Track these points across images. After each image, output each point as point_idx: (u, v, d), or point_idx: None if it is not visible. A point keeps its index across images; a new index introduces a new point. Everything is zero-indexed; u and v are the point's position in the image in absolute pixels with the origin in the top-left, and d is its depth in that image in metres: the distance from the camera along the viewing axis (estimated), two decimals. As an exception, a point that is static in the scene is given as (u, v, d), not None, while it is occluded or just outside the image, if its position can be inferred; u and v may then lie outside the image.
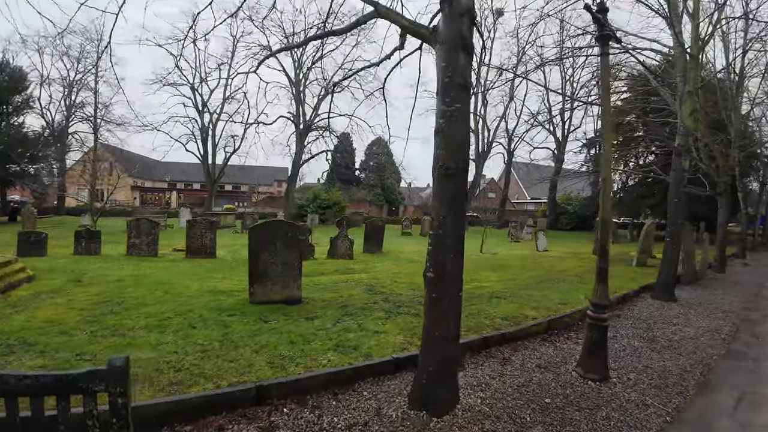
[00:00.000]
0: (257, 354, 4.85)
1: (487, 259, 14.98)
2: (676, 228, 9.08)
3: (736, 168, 21.12)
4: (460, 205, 3.92)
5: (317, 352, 4.96)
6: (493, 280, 10.53)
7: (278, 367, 4.49)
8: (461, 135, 3.89)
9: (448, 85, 3.84)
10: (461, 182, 3.91)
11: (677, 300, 9.28)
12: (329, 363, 4.65)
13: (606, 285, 4.92)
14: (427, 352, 3.96)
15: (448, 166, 3.83)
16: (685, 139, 9.10)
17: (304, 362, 4.65)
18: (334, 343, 5.28)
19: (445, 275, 3.90)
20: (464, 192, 4.01)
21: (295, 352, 4.92)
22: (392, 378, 4.64)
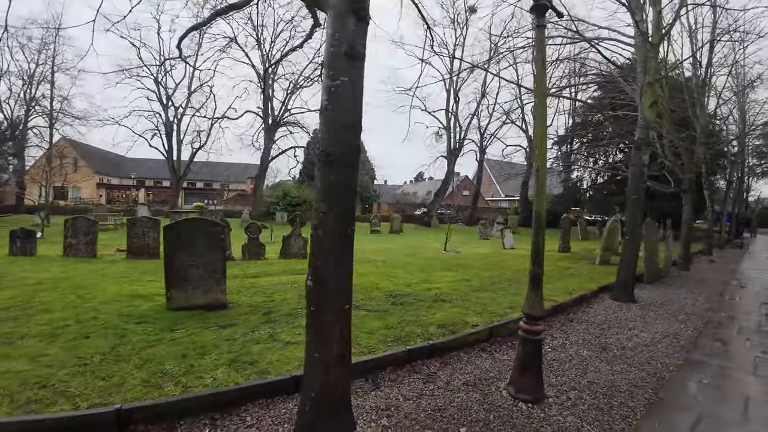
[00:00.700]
0: (138, 370, 4.14)
1: (448, 258, 14.30)
2: (635, 225, 8.48)
3: (703, 166, 20.96)
4: (344, 201, 3.15)
5: (206, 369, 4.21)
6: (446, 280, 9.81)
7: (154, 386, 3.79)
8: (348, 115, 3.12)
9: (333, 56, 3.10)
10: (347, 173, 3.14)
11: (637, 300, 8.69)
12: (213, 382, 3.91)
13: (540, 293, 4.23)
14: (307, 376, 3.21)
15: (330, 152, 3.07)
16: (645, 132, 8.51)
17: (187, 380, 3.92)
18: (231, 357, 4.51)
19: (325, 285, 3.15)
20: (351, 185, 3.23)
21: (181, 368, 4.19)
22: (288, 400, 3.87)
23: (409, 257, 14.27)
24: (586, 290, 9.02)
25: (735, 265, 17.31)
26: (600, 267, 12.76)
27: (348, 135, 3.16)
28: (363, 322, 6.04)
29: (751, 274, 14.86)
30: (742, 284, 12.12)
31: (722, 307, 8.83)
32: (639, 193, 8.43)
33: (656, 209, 27.48)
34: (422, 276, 10.34)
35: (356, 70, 3.19)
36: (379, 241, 20.73)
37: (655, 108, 8.55)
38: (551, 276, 10.87)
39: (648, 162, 8.46)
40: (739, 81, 21.56)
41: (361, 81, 3.26)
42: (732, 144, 28.75)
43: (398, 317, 6.31)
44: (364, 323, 5.96)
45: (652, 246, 11.75)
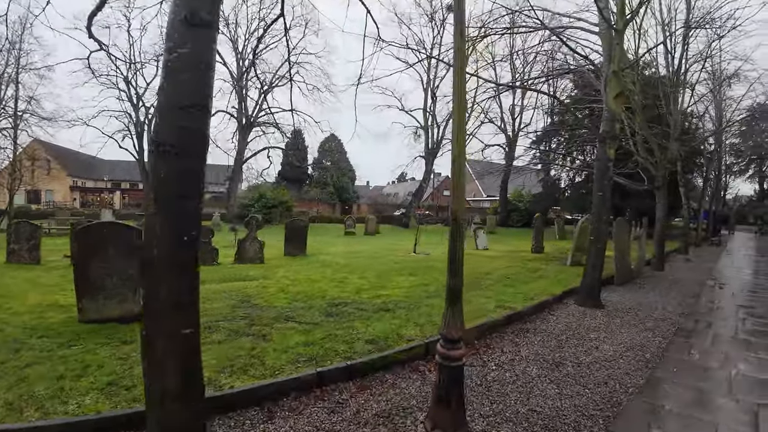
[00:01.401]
0: (8, 390, 3.69)
1: (415, 261, 13.51)
2: (601, 225, 7.74)
3: (678, 163, 20.44)
4: (182, 203, 2.36)
5: (77, 392, 3.66)
6: (402, 286, 9.04)
7: (15, 410, 3.38)
8: (187, 94, 2.37)
9: (171, 24, 2.34)
10: (184, 166, 2.36)
11: (604, 306, 7.95)
12: (74, 410, 3.38)
13: (459, 308, 3.45)
14: (148, 411, 2.43)
15: (161, 142, 2.31)
16: (611, 124, 7.79)
17: (50, 405, 3.46)
18: (110, 380, 3.94)
19: (158, 305, 2.34)
20: (190, 181, 2.44)
21: (52, 390, 3.70)
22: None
23: (373, 260, 13.45)
24: (549, 295, 8.27)
25: (712, 264, 16.75)
26: (571, 268, 12.05)
27: (186, 119, 2.39)
28: (284, 337, 5.22)
29: (728, 273, 14.28)
30: (719, 285, 11.50)
31: (697, 312, 8.14)
32: (604, 190, 7.71)
33: (632, 207, 27.06)
34: (377, 282, 9.55)
35: (200, 41, 2.43)
36: (351, 244, 19.90)
37: (621, 99, 7.84)
38: (517, 279, 10.17)
39: (614, 156, 7.74)
40: (716, 77, 21.09)
41: (209, 54, 2.50)
42: (708, 142, 28.47)
43: (326, 331, 5.49)
44: (284, 339, 5.15)
45: (624, 246, 11.06)
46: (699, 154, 28.94)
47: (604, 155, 7.70)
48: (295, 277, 10.01)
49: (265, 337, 5.23)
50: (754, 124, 40.47)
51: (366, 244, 19.34)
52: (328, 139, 45.55)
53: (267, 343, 4.99)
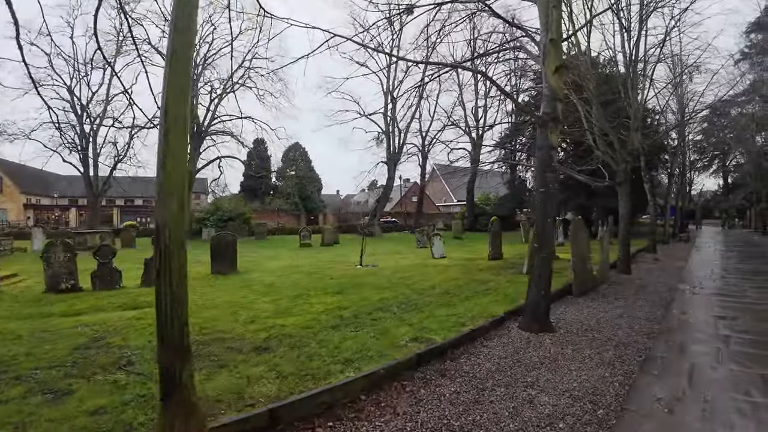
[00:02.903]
0: None
1: (353, 276, 11.75)
2: (545, 228, 6.09)
3: (642, 158, 19.18)
4: None
5: None
6: (312, 312, 7.29)
7: None
8: None
9: None
10: None
11: (554, 329, 6.28)
12: None
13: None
14: None
15: None
16: (552, 104, 6.18)
17: None
18: None
19: None
20: None
21: None
22: None
23: (307, 277, 11.66)
24: (489, 317, 6.58)
25: (682, 263, 15.41)
26: (525, 278, 10.42)
27: None
28: (90, 394, 3.52)
29: (699, 273, 12.89)
30: (692, 289, 10.03)
31: (668, 329, 6.56)
32: (548, 185, 6.07)
33: (599, 207, 25.84)
34: (288, 305, 7.82)
35: None
36: (298, 257, 18.02)
37: (562, 73, 6.26)
38: (459, 295, 8.49)
39: (558, 143, 6.13)
40: (676, 66, 19.96)
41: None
42: (672, 137, 27.50)
43: (144, 389, 3.72)
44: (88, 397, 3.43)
45: (583, 250, 9.49)
46: (663, 150, 27.99)
47: (546, 141, 6.08)
48: (195, 304, 8.16)
49: (64, 395, 3.49)
50: (716, 120, 40.14)
51: (314, 257, 17.49)
52: (292, 148, 43.55)
53: (56, 407, 3.24)
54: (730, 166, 58.17)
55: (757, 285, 10.56)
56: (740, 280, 11.41)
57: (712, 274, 12.60)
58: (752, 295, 9.21)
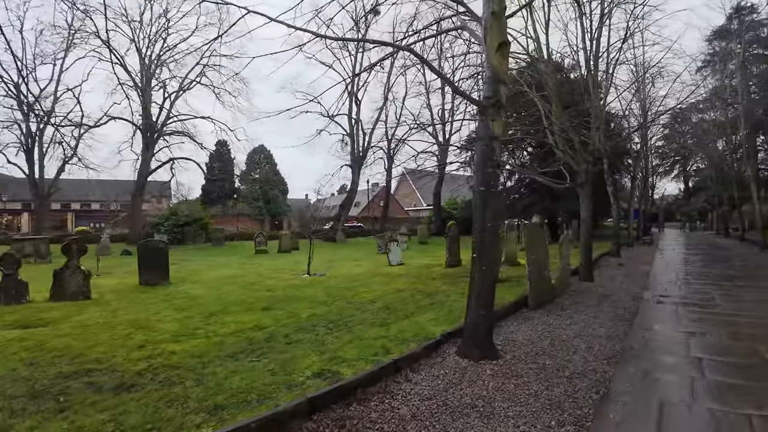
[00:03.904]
0: None
1: (293, 287, 10.52)
2: (485, 234, 4.99)
3: (605, 160, 18.53)
4: None
5: None
6: (221, 333, 6.10)
7: None
8: None
9: None
10: None
11: (497, 355, 5.18)
12: None
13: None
14: None
15: None
16: (494, 88, 5.12)
17: None
18: None
19: None
20: None
21: None
22: None
23: (243, 289, 10.41)
24: (422, 340, 5.48)
25: (647, 267, 14.69)
26: (480, 287, 9.40)
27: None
28: None
29: (664, 278, 12.11)
30: (657, 298, 9.15)
31: (631, 351, 5.57)
32: (489, 183, 4.98)
33: (564, 210, 25.22)
34: (199, 324, 6.71)
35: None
36: (245, 265, 16.66)
37: (506, 52, 5.22)
38: (399, 310, 7.38)
39: (501, 133, 5.06)
40: (639, 72, 19.50)
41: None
42: (635, 141, 27.21)
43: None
44: None
45: (541, 257, 8.50)
46: (626, 153, 27.66)
47: (487, 131, 5.01)
48: (95, 323, 6.89)
49: None
50: (677, 127, 40.51)
51: (264, 265, 16.15)
52: (257, 150, 41.87)
53: None
54: (691, 170, 59.35)
55: (725, 291, 9.78)
56: (707, 286, 10.64)
57: (678, 279, 11.84)
58: (722, 304, 8.37)
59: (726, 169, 30.23)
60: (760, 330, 6.46)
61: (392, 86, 30.77)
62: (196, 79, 28.22)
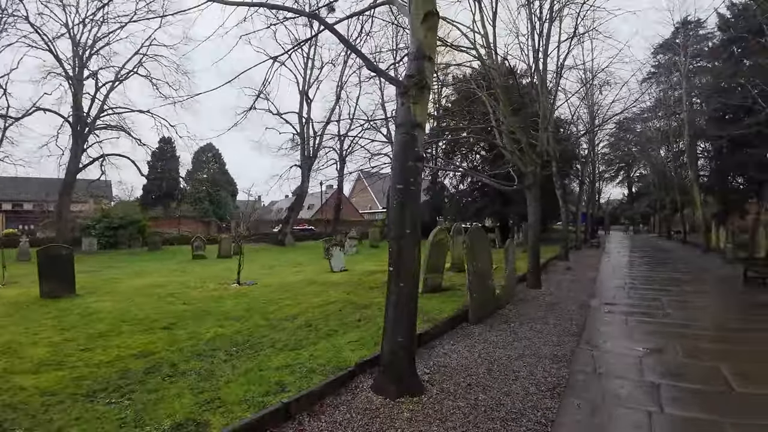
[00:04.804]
0: None
1: (213, 299, 9.31)
2: (403, 242, 4.00)
3: (553, 163, 18.19)
4: None
5: None
6: (95, 362, 4.93)
7: None
8: None
9: None
10: None
11: (421, 389, 4.22)
12: None
13: None
14: None
15: None
16: (419, 65, 4.19)
17: None
18: None
19: None
20: None
21: None
22: None
23: (157, 301, 9.12)
24: (331, 372, 4.47)
25: (594, 272, 14.26)
26: (423, 299, 8.48)
27: None
28: None
29: (612, 284, 11.62)
30: (606, 307, 8.51)
31: (578, 375, 4.76)
32: (408, 179, 4.01)
33: (515, 213, 24.94)
34: (80, 348, 5.52)
35: None
36: (179, 271, 15.18)
37: (435, 24, 4.30)
38: (319, 329, 6.34)
39: (423, 119, 4.12)
40: (587, 77, 19.29)
41: None
42: (583, 147, 27.36)
43: None
44: None
45: (483, 265, 7.66)
46: (574, 158, 27.78)
47: (408, 116, 4.06)
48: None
49: None
50: (622, 135, 41.58)
51: (195, 272, 14.69)
52: (204, 149, 39.67)
53: None
54: (635, 176, 61.60)
55: (674, 298, 9.30)
56: (655, 291, 10.17)
57: (625, 285, 11.36)
58: (672, 313, 7.80)
59: (669, 174, 30.97)
60: (717, 343, 5.85)
61: (344, 84, 29.58)
62: (133, 69, 26.11)
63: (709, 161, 29.94)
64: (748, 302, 8.73)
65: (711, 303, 8.71)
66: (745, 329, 6.60)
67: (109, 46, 26.37)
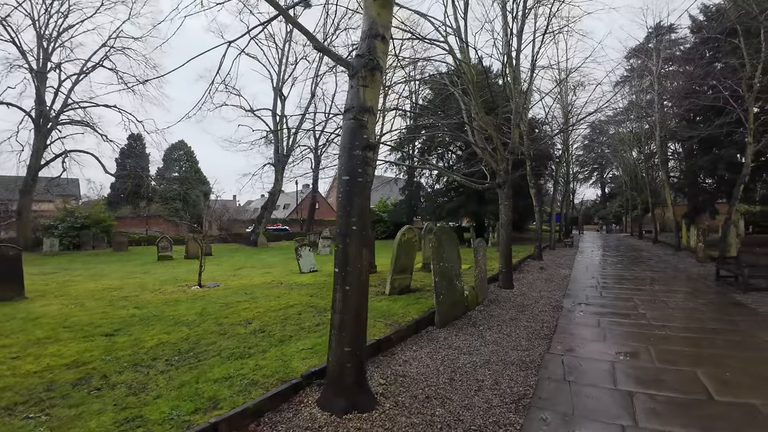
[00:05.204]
0: None
1: (173, 302, 8.75)
2: (351, 243, 3.57)
3: (528, 162, 18.02)
4: None
5: None
6: (20, 373, 4.39)
7: None
8: None
9: None
10: None
11: (371, 403, 3.76)
12: None
13: None
14: None
15: None
16: (370, 44, 3.75)
17: None
18: None
19: None
20: None
21: None
22: None
23: (109, 305, 8.48)
24: (275, 385, 4.00)
25: (567, 271, 14.08)
26: (388, 301, 8.08)
27: None
28: None
29: (585, 283, 11.39)
30: (579, 307, 8.22)
31: (547, 383, 4.39)
32: (356, 169, 3.54)
33: (490, 213, 24.74)
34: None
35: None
36: (140, 273, 14.42)
37: (386, 2, 3.85)
38: (273, 334, 5.87)
39: (375, 104, 3.68)
40: (561, 76, 19.21)
41: None
42: (557, 147, 27.38)
43: None
44: None
45: (451, 265, 7.27)
46: (549, 158, 27.77)
47: (357, 100, 3.62)
48: None
49: None
50: (596, 137, 42.14)
51: (155, 274, 13.93)
52: (175, 147, 38.51)
53: None
54: (608, 177, 62.68)
55: (648, 297, 9.09)
56: (628, 291, 9.95)
57: (598, 284, 11.14)
58: (646, 313, 7.53)
59: (640, 175, 31.31)
60: (693, 347, 5.55)
61: (320, 81, 28.94)
62: (99, 62, 25.01)
63: (679, 162, 30.42)
64: (721, 301, 8.55)
65: (685, 302, 8.49)
66: (721, 330, 6.36)
67: (75, 38, 25.30)
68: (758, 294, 8.96)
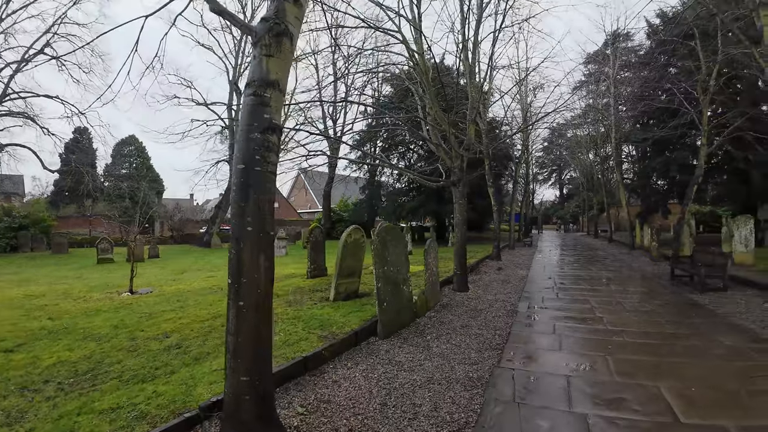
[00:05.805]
0: None
1: (93, 311, 7.81)
2: (247, 246, 2.80)
3: (486, 161, 17.69)
4: None
5: None
6: None
7: None
8: None
9: None
10: None
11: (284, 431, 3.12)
12: None
13: None
14: None
15: None
16: (278, 6, 3.08)
17: None
18: None
19: None
20: None
21: None
22: None
23: (22, 316, 7.54)
24: (168, 417, 3.28)
25: (525, 271, 13.75)
26: (331, 308, 7.38)
27: None
28: None
29: (541, 284, 11.02)
30: (534, 312, 7.76)
31: (491, 406, 3.80)
32: (253, 156, 2.84)
33: (451, 213, 24.37)
34: None
35: None
36: (73, 278, 13.19)
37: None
38: (190, 350, 5.10)
39: (281, 78, 3.01)
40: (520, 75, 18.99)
41: None
42: (516, 147, 27.39)
43: None
44: None
45: (398, 269, 6.64)
46: (509, 158, 27.73)
47: (259, 72, 2.93)
48: None
49: None
50: (553, 140, 42.76)
51: (88, 278, 12.75)
52: (125, 142, 36.39)
53: None
54: (566, 178, 64.09)
55: (605, 298, 8.77)
56: (585, 292, 9.62)
57: (555, 285, 10.80)
58: (603, 317, 7.14)
59: (596, 177, 31.78)
60: (653, 355, 5.12)
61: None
62: (41, 49, 23.16)
63: (633, 164, 31.06)
64: (678, 302, 8.29)
65: (641, 304, 8.18)
66: (680, 335, 5.99)
67: (18, 24, 23.37)
68: (715, 294, 8.77)
